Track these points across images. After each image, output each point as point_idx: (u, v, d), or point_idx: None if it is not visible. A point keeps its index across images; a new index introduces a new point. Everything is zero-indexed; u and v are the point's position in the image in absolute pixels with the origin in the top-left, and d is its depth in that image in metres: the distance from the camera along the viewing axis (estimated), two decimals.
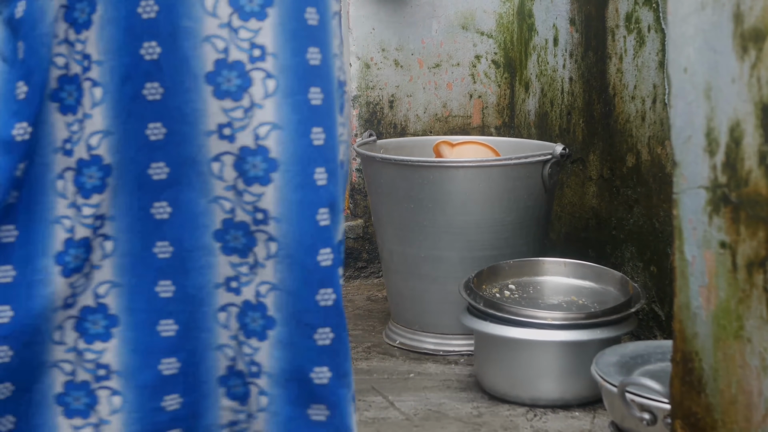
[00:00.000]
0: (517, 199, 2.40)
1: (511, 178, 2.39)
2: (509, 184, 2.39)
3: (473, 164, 2.39)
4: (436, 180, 2.38)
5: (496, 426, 2.02)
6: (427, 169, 2.39)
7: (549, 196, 2.48)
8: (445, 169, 2.40)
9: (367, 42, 3.16)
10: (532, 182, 2.42)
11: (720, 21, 1.20)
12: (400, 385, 2.26)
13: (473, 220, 2.38)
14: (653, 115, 2.37)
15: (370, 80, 3.17)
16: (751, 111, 1.15)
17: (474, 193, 2.38)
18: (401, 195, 2.41)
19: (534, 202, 2.44)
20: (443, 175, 2.39)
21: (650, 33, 2.37)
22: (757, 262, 1.16)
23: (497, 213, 2.39)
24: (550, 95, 2.94)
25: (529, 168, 2.42)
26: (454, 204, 2.38)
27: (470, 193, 2.38)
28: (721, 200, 1.22)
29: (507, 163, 2.40)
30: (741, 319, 1.19)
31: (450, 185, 2.38)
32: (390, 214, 2.46)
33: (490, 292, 2.27)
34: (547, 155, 2.43)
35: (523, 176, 2.41)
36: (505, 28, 3.21)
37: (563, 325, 2.09)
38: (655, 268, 2.39)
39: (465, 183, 2.38)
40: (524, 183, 2.41)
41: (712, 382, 1.25)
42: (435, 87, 3.19)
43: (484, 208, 2.38)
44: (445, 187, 2.38)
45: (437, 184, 2.38)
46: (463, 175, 2.38)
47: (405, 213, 2.42)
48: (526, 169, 2.41)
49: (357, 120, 3.16)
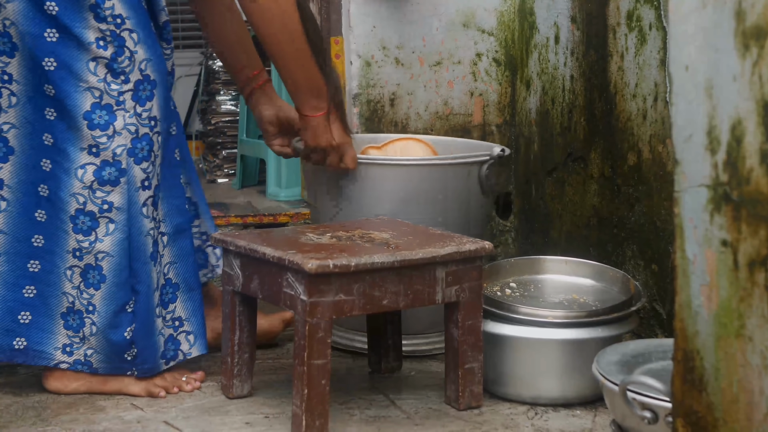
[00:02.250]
0: (451, 200, 2.36)
1: (446, 178, 2.35)
2: (442, 184, 2.34)
3: (403, 163, 2.36)
4: (367, 177, 2.35)
5: (497, 424, 2.02)
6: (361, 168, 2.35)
7: (488, 198, 2.43)
8: (376, 166, 2.36)
9: (367, 40, 3.15)
10: (468, 183, 2.38)
11: (721, 19, 1.20)
12: (401, 384, 2.26)
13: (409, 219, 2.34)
14: (654, 114, 2.37)
15: (370, 78, 3.16)
16: (753, 109, 1.15)
17: (404, 192, 2.34)
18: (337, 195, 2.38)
19: (471, 204, 2.39)
20: (375, 173, 2.35)
21: (651, 31, 2.37)
22: (758, 260, 1.16)
23: (430, 213, 2.34)
24: (551, 93, 2.94)
25: (465, 168, 2.37)
26: (382, 202, 2.35)
27: (400, 192, 2.34)
28: (722, 199, 1.22)
29: (440, 162, 2.36)
30: (742, 318, 1.19)
31: (385, 183, 2.34)
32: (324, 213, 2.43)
33: (491, 291, 2.27)
34: (485, 156, 2.39)
35: (459, 177, 2.36)
36: (506, 26, 3.21)
37: (564, 323, 2.09)
38: (656, 267, 2.39)
39: (395, 182, 2.34)
40: (459, 184, 2.36)
41: (713, 381, 1.25)
42: (436, 85, 3.19)
43: (416, 208, 2.34)
44: (376, 185, 2.34)
45: (368, 182, 2.35)
46: (393, 173, 2.34)
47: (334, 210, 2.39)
48: (463, 170, 2.37)
49: (358, 118, 3.16)
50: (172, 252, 2.23)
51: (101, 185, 2.10)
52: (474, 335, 2.07)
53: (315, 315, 1.91)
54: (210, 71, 5.08)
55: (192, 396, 2.20)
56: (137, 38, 2.11)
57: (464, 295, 2.05)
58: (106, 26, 2.07)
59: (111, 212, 2.10)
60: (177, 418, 2.07)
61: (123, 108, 2.10)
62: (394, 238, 2.10)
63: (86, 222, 2.11)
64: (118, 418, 2.08)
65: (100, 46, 2.08)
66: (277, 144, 2.50)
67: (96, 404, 2.15)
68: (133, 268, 2.13)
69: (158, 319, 2.19)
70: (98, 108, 2.09)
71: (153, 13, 2.19)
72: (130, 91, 2.10)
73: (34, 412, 2.11)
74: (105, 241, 2.11)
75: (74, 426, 2.04)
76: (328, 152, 2.34)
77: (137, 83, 2.11)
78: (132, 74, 2.10)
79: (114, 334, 2.14)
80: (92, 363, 2.17)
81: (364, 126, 3.16)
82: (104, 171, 2.09)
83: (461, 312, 2.05)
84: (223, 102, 5.02)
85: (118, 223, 2.11)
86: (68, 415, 2.10)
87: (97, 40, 2.07)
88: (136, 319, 2.15)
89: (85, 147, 2.09)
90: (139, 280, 2.14)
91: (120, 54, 2.09)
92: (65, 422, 2.06)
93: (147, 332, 2.16)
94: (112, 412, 2.11)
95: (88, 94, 2.08)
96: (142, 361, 2.17)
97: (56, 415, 2.10)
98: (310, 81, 2.27)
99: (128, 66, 2.10)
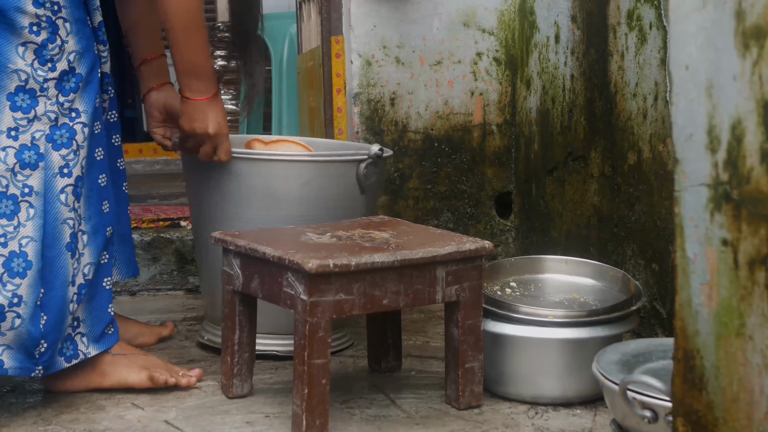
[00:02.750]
0: (329, 198, 2.36)
1: (322, 176, 2.35)
2: (319, 182, 2.34)
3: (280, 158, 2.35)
4: (243, 173, 2.33)
5: (497, 424, 2.03)
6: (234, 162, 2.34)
7: (367, 197, 2.43)
8: (252, 162, 2.34)
9: (368, 39, 3.15)
10: (346, 182, 2.38)
11: (721, 18, 1.20)
12: (401, 383, 2.26)
13: (282, 216, 2.33)
14: (655, 113, 2.37)
15: (371, 78, 3.16)
16: (753, 108, 1.15)
17: (282, 188, 2.33)
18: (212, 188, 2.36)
19: (349, 203, 2.39)
20: (251, 168, 2.33)
21: (652, 30, 2.37)
22: (758, 259, 1.16)
23: (307, 210, 2.34)
24: (552, 93, 2.94)
25: (343, 167, 2.38)
26: (259, 198, 2.33)
27: (278, 189, 2.33)
28: (722, 198, 1.22)
29: (314, 159, 2.36)
30: (742, 317, 1.19)
31: (257, 179, 2.33)
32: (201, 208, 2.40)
33: (491, 290, 2.27)
34: (362, 155, 2.39)
35: (337, 175, 2.36)
36: (506, 25, 3.21)
37: (564, 322, 2.09)
38: (656, 266, 2.39)
39: (272, 178, 2.32)
40: (337, 182, 2.36)
41: (713, 380, 1.25)
42: (436, 84, 3.19)
43: (292, 205, 2.33)
44: (251, 181, 2.33)
45: (244, 177, 2.33)
46: (268, 169, 2.33)
47: (214, 207, 2.38)
48: (339, 169, 2.37)
49: (358, 117, 3.16)
50: (90, 251, 2.17)
51: (22, 168, 2.05)
52: (474, 335, 2.07)
53: (315, 314, 1.91)
54: None
55: (192, 395, 2.20)
56: (70, 28, 2.10)
57: (464, 295, 2.05)
58: (43, 11, 2.06)
59: (31, 196, 2.06)
60: (177, 418, 2.07)
61: (46, 95, 2.08)
62: (394, 237, 2.10)
63: (9, 206, 2.05)
64: (118, 417, 2.08)
65: (33, 32, 2.06)
66: (159, 132, 2.51)
67: (97, 403, 2.15)
68: (46, 256, 2.07)
69: (69, 316, 2.12)
70: (22, 91, 2.06)
71: (87, 11, 2.18)
72: (54, 80, 2.09)
73: (35, 412, 2.12)
74: (27, 225, 2.05)
75: (75, 425, 2.04)
76: (204, 141, 2.33)
77: (62, 73, 2.10)
78: (59, 63, 2.09)
79: (33, 327, 2.04)
80: (3, 362, 2.04)
81: (364, 125, 3.16)
82: (24, 154, 2.06)
83: (461, 311, 2.05)
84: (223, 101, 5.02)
85: (37, 209, 2.06)
86: (69, 415, 2.10)
87: (30, 25, 2.05)
88: (48, 312, 2.07)
89: (4, 130, 2.05)
90: (53, 270, 2.08)
91: (52, 41, 2.08)
92: (66, 421, 2.06)
93: (58, 328, 2.08)
94: (113, 411, 2.11)
95: (15, 77, 2.05)
96: (48, 357, 2.08)
97: (57, 414, 2.10)
98: (197, 62, 2.27)
99: (57, 54, 2.09)
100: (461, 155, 3.22)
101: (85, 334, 2.18)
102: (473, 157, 3.23)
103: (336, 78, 3.21)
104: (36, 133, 2.07)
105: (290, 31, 4.69)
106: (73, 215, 2.11)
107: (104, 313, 2.20)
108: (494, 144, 3.24)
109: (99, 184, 2.21)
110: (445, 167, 3.22)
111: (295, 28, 4.05)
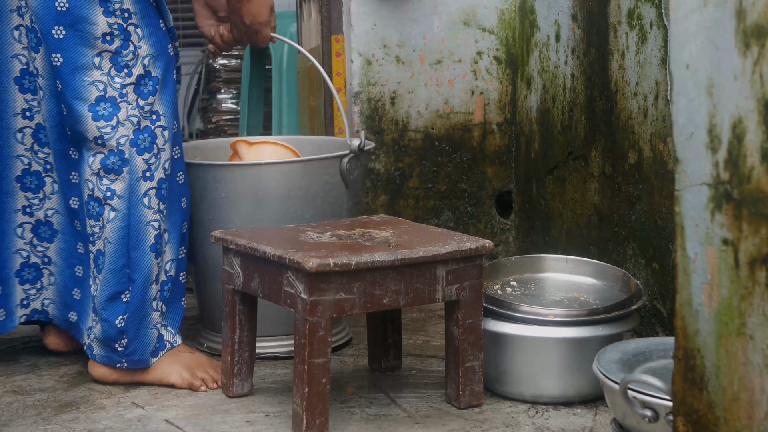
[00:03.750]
0: (316, 196, 2.39)
1: (307, 174, 2.38)
2: (305, 181, 2.38)
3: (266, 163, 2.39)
4: (229, 179, 2.37)
5: (497, 423, 2.02)
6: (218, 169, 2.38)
7: (351, 190, 2.46)
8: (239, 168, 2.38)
9: (368, 38, 3.15)
10: (330, 179, 2.41)
11: (722, 18, 1.20)
12: (402, 382, 2.26)
13: (272, 217, 2.36)
14: (655, 112, 2.37)
15: (371, 77, 3.16)
16: (754, 108, 1.15)
17: (268, 190, 2.36)
18: (197, 196, 2.40)
19: (335, 198, 2.42)
20: (237, 174, 2.37)
21: (652, 29, 2.37)
22: (759, 259, 1.16)
23: (295, 210, 2.37)
24: (552, 92, 2.94)
25: (327, 164, 2.41)
26: (247, 203, 2.37)
27: (264, 191, 2.36)
28: (723, 197, 1.22)
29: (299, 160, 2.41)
30: (743, 317, 1.19)
31: (242, 184, 2.37)
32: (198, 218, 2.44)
33: (491, 289, 2.27)
34: (344, 152, 2.42)
35: (321, 173, 2.40)
36: (506, 24, 3.20)
37: (565, 321, 2.09)
38: (657, 265, 2.39)
39: (257, 182, 2.36)
40: (322, 179, 2.40)
41: (714, 380, 1.25)
42: (436, 83, 3.19)
43: (281, 206, 2.36)
44: (237, 186, 2.37)
45: (231, 183, 2.37)
46: (255, 174, 2.37)
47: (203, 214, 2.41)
48: (323, 166, 2.40)
49: (358, 116, 3.16)
50: (170, 248, 2.27)
51: (107, 173, 2.16)
52: (474, 334, 2.07)
53: (315, 314, 1.91)
54: (210, 70, 5.09)
55: (192, 394, 2.20)
56: (142, 34, 2.17)
57: (465, 294, 2.05)
58: (114, 20, 2.13)
59: (113, 200, 2.16)
60: (178, 417, 2.07)
61: (126, 100, 2.15)
62: (394, 236, 2.10)
63: (95, 207, 2.17)
64: (118, 416, 2.08)
65: (106, 41, 2.13)
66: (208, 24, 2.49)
67: (97, 402, 2.15)
68: (130, 257, 2.17)
69: (155, 313, 2.22)
70: (102, 101, 2.14)
71: (161, 13, 2.23)
72: (132, 84, 2.16)
73: (35, 411, 2.12)
74: (107, 227, 2.16)
75: (75, 425, 2.04)
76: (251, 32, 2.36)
77: (139, 77, 2.17)
78: (135, 68, 2.16)
79: (106, 322, 2.18)
80: (93, 348, 2.22)
81: (365, 124, 3.16)
82: (109, 160, 2.15)
83: (462, 310, 2.05)
84: (224, 100, 5.02)
85: (119, 212, 2.16)
86: (69, 414, 2.10)
87: (103, 35, 2.12)
88: (129, 309, 2.18)
89: (91, 138, 2.15)
90: (135, 269, 2.18)
91: (125, 47, 2.15)
92: (66, 421, 2.06)
93: (139, 323, 2.20)
94: (113, 411, 2.11)
95: (93, 88, 2.14)
96: (131, 352, 2.20)
97: (57, 413, 2.10)
98: None
99: (132, 60, 2.16)
100: (461, 154, 3.22)
101: (168, 325, 2.27)
102: (473, 156, 3.23)
103: (336, 77, 3.21)
104: (121, 139, 2.16)
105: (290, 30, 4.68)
106: (158, 216, 2.20)
107: (179, 306, 2.31)
108: (495, 143, 3.24)
109: (177, 181, 2.28)
110: (446, 166, 3.22)
111: (295, 27, 4.05)
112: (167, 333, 2.27)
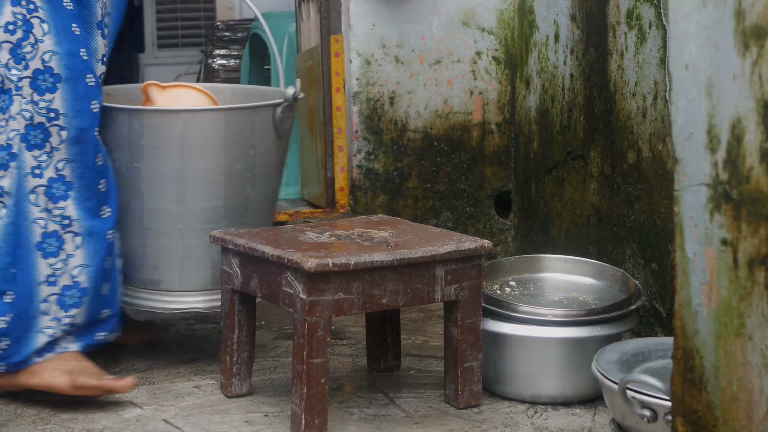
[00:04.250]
0: (249, 145, 2.29)
1: (237, 123, 2.28)
2: (234, 130, 2.27)
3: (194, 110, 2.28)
4: (154, 126, 2.25)
5: (496, 423, 2.02)
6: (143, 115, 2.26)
7: (283, 142, 2.37)
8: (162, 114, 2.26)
9: (367, 38, 3.15)
10: (262, 128, 2.31)
11: (721, 18, 1.20)
12: (400, 382, 2.26)
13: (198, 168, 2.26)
14: (654, 112, 2.37)
15: (370, 77, 3.16)
16: (753, 108, 1.15)
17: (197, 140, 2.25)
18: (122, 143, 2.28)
19: (266, 149, 2.33)
20: (162, 121, 2.26)
21: (651, 29, 2.37)
22: (758, 259, 1.16)
23: (222, 161, 2.27)
24: (551, 92, 2.94)
25: (261, 113, 2.30)
26: (176, 151, 2.25)
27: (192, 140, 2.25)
28: (722, 197, 1.21)
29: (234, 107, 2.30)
30: (742, 317, 1.19)
31: (168, 132, 2.25)
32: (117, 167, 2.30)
33: (490, 289, 2.27)
34: (278, 101, 2.31)
35: (252, 122, 2.30)
36: (505, 24, 3.20)
37: (564, 321, 2.09)
38: (656, 265, 2.39)
39: (184, 130, 2.25)
40: (252, 129, 2.29)
41: (713, 380, 1.25)
42: (436, 83, 3.19)
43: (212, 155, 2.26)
44: (163, 134, 2.25)
45: (155, 131, 2.25)
46: (182, 121, 2.25)
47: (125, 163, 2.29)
48: (254, 115, 2.30)
49: (357, 116, 3.16)
50: (84, 254, 2.15)
51: None
52: (473, 334, 2.07)
53: (314, 314, 1.91)
54: (209, 69, 5.08)
55: (191, 394, 2.20)
56: (47, 28, 2.10)
57: (463, 294, 2.05)
58: (19, 10, 2.08)
59: (2, 197, 2.09)
60: (176, 417, 2.07)
61: (20, 94, 2.09)
62: (393, 236, 2.10)
63: None
64: (117, 416, 2.08)
65: (8, 30, 2.08)
66: None
67: (96, 402, 2.15)
68: (16, 255, 2.08)
69: (44, 317, 2.11)
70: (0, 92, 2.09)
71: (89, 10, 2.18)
72: (27, 78, 2.09)
73: (34, 411, 2.11)
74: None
75: (74, 425, 2.04)
76: None
77: (36, 72, 2.10)
78: (32, 61, 2.09)
79: None
80: None
81: (363, 124, 3.16)
82: None
83: (460, 311, 2.05)
84: None
85: (5, 207, 2.08)
86: (68, 413, 2.10)
87: (6, 24, 2.08)
88: (13, 310, 2.08)
89: None
90: (20, 268, 2.09)
91: (25, 39, 2.09)
92: (65, 420, 2.06)
93: (24, 326, 2.09)
94: (112, 410, 2.11)
95: None
96: (11, 353, 2.09)
97: (56, 413, 2.10)
98: None
99: (30, 53, 2.09)
100: (460, 154, 3.22)
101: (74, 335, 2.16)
102: (473, 157, 3.23)
103: (335, 77, 3.20)
104: (11, 133, 2.09)
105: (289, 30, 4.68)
106: (45, 215, 2.11)
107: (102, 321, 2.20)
108: (494, 143, 3.24)
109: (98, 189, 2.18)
110: (445, 166, 3.22)
111: (294, 27, 4.04)
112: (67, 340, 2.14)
